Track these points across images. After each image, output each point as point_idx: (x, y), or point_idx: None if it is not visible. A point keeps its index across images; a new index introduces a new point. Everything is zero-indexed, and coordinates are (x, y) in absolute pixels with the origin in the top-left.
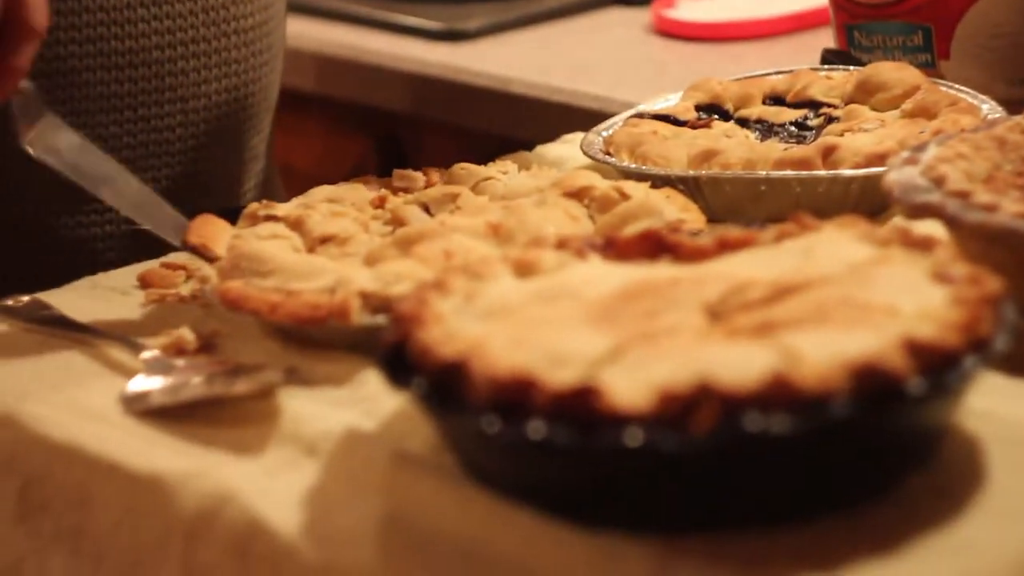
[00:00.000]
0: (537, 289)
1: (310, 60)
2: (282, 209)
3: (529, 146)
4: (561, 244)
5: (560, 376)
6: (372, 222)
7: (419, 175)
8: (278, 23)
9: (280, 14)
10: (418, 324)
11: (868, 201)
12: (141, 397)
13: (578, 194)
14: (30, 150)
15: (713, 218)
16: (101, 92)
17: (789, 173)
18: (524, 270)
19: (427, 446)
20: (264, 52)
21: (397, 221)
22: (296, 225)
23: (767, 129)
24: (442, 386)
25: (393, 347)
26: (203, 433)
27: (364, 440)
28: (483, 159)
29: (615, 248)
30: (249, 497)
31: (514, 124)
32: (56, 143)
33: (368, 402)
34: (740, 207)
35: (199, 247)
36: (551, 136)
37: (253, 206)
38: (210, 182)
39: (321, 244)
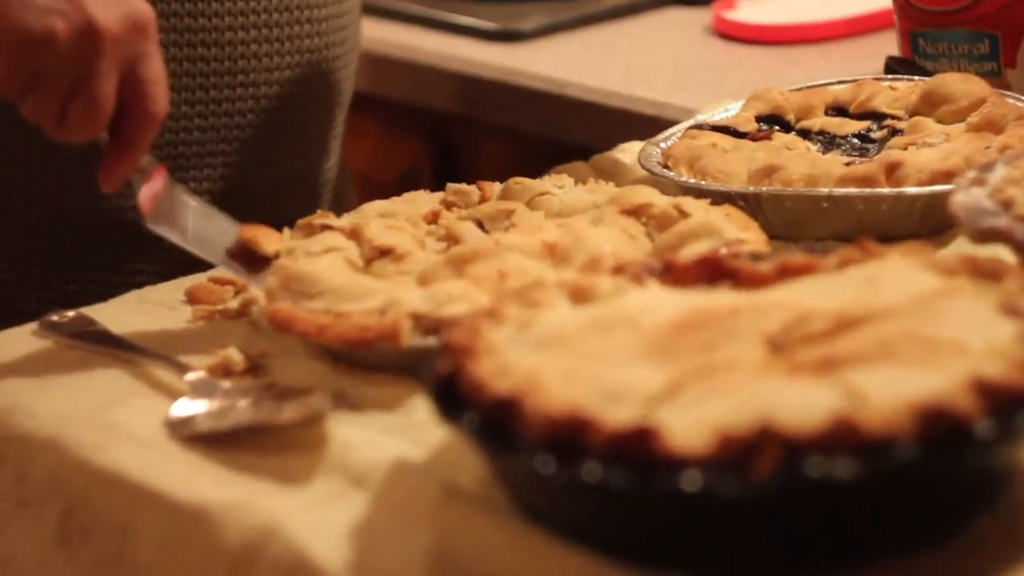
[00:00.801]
0: (593, 317)
1: (362, 59)
2: (337, 222)
3: (584, 150)
4: (618, 269)
5: (616, 415)
6: (427, 238)
7: (472, 189)
8: (353, 19)
9: (355, 11)
10: (470, 355)
11: (932, 219)
12: (186, 422)
13: (636, 211)
14: (152, 226)
15: (774, 235)
16: (173, 70)
17: (852, 191)
18: (580, 297)
19: (477, 479)
20: (338, 46)
21: (451, 238)
22: (354, 235)
23: (829, 141)
24: (494, 422)
25: (444, 379)
26: (248, 461)
27: (413, 472)
28: (537, 163)
29: (673, 273)
30: (295, 530)
31: (569, 128)
32: (178, 217)
33: (417, 429)
34: (801, 224)
35: (249, 242)
36: (607, 141)
37: (308, 217)
38: (284, 177)
39: (380, 256)
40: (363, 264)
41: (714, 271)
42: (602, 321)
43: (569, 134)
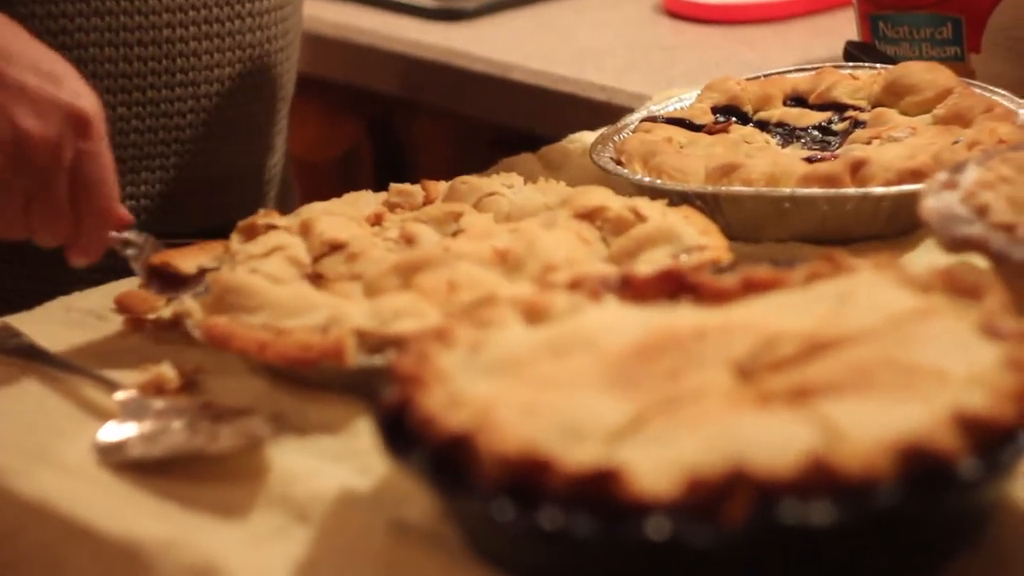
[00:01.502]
0: (549, 338)
1: (300, 39)
2: (282, 221)
3: (531, 137)
4: (574, 284)
5: (577, 454)
6: (378, 240)
7: (417, 189)
8: (295, 9)
9: (296, 0)
10: (419, 384)
11: (899, 220)
12: (117, 447)
13: (590, 215)
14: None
15: (733, 235)
16: (109, 71)
17: (816, 191)
18: (534, 315)
19: (426, 514)
20: (280, 38)
21: (407, 239)
22: (303, 230)
23: (789, 134)
24: (446, 459)
25: (392, 411)
26: (183, 491)
27: (359, 507)
28: (481, 149)
29: (632, 288)
30: (234, 570)
31: (514, 113)
32: None
33: (363, 456)
34: (762, 225)
35: (164, 266)
36: (554, 126)
37: (250, 218)
38: (223, 176)
39: (330, 252)
40: (311, 262)
41: (675, 285)
42: (558, 343)
43: (514, 119)
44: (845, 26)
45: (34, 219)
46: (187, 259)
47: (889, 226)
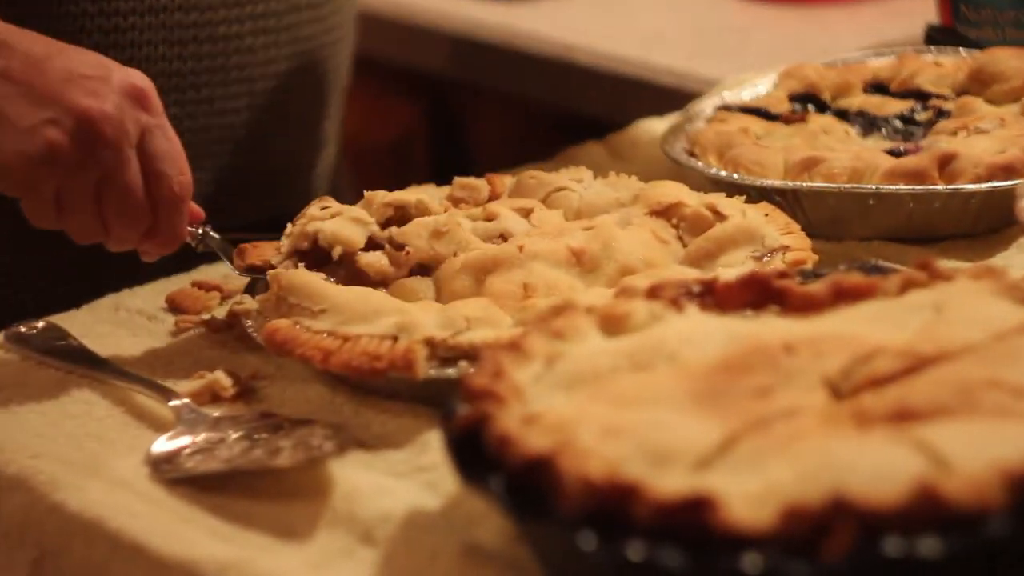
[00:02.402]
0: (629, 350)
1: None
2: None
3: (595, 122)
4: (653, 292)
5: (665, 481)
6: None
7: (482, 183)
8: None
9: None
10: (494, 401)
11: (989, 217)
12: (170, 459)
13: (666, 212)
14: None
15: (814, 233)
16: (162, 69)
17: (902, 188)
18: (613, 326)
19: (500, 536)
20: (336, 29)
21: (489, 217)
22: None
23: (869, 123)
24: (525, 484)
25: (465, 430)
26: (241, 508)
27: (428, 527)
28: (542, 133)
29: (715, 296)
30: None
31: (577, 97)
32: None
33: (431, 471)
34: (845, 222)
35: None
36: (620, 112)
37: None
38: (277, 171)
39: (396, 215)
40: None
41: (760, 293)
42: (638, 355)
43: (578, 104)
44: (921, 6)
45: (108, 209)
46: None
47: (978, 223)
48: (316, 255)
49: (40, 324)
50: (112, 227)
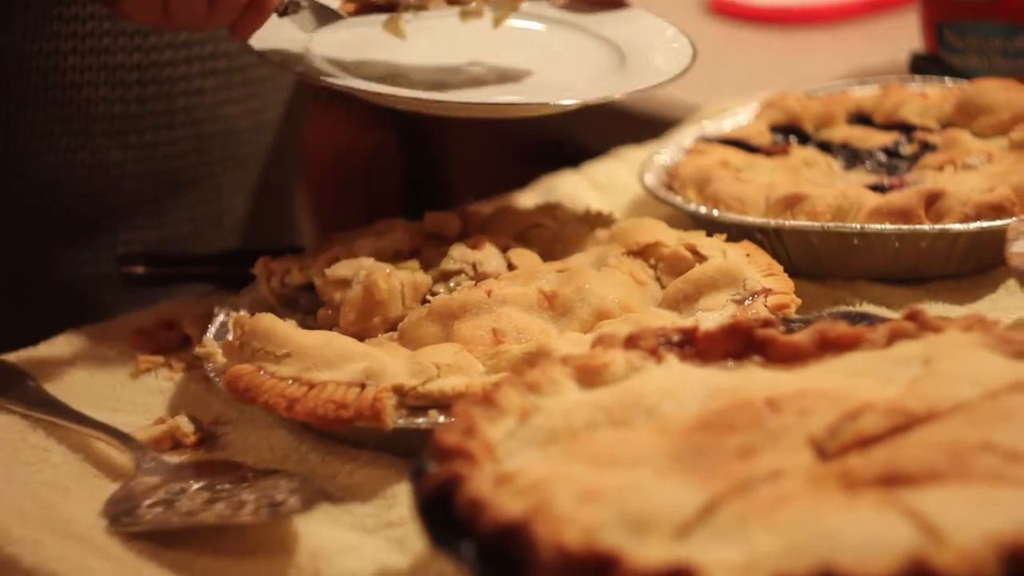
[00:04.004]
0: (606, 403)
1: None
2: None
3: (571, 148)
4: (632, 341)
5: (645, 549)
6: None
7: (453, 218)
8: None
9: None
10: (466, 461)
11: (977, 257)
12: (129, 512)
13: (643, 252)
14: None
15: (797, 272)
16: (104, 112)
17: (888, 227)
18: (590, 378)
19: None
20: None
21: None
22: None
23: (853, 156)
24: (498, 550)
25: (436, 492)
26: (203, 565)
27: None
28: (517, 155)
29: (695, 346)
30: None
31: (553, 121)
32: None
33: (399, 527)
34: (829, 262)
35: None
36: (595, 136)
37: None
38: (225, 218)
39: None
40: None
41: (742, 343)
42: (617, 410)
43: (554, 128)
44: (905, 31)
45: None
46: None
47: (965, 264)
48: (287, 298)
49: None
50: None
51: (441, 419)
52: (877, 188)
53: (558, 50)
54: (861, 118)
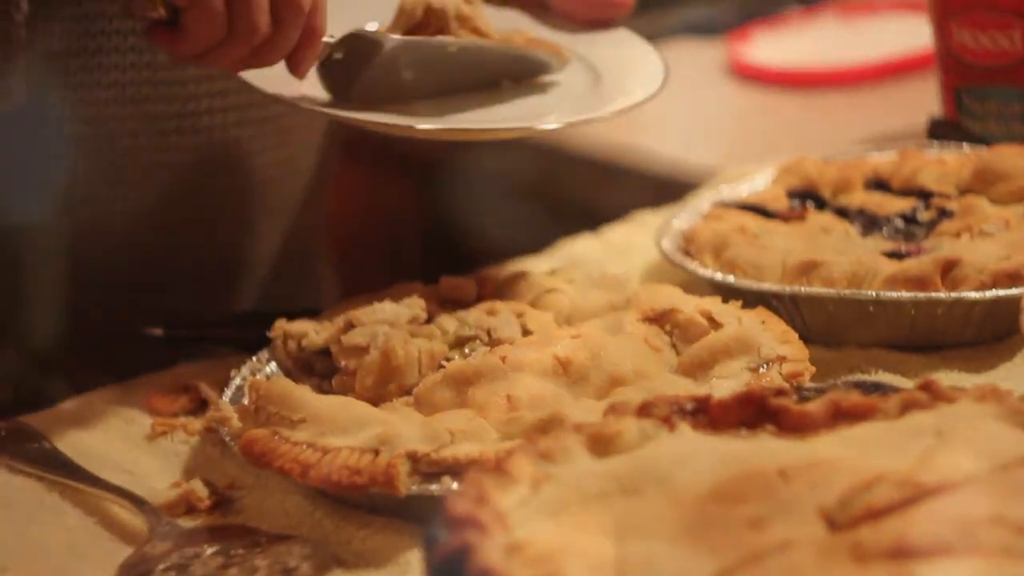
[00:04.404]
0: (618, 472)
1: None
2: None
3: (586, 207)
4: (645, 410)
5: None
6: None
7: (469, 283)
8: None
9: None
10: (477, 530)
11: (993, 325)
12: None
13: (659, 318)
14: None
15: (812, 338)
16: (144, 160)
17: (904, 295)
18: (602, 446)
19: None
20: (325, 119)
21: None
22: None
23: (870, 222)
24: None
25: (448, 561)
26: None
27: None
28: (537, 219)
29: (709, 415)
30: None
31: (571, 183)
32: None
33: None
34: (844, 329)
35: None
36: (613, 199)
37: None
38: (254, 261)
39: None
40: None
41: (755, 412)
42: (629, 479)
43: (571, 190)
44: (924, 95)
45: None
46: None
47: (981, 332)
48: (303, 362)
49: (9, 424)
50: (283, 17)
51: (454, 486)
52: (894, 255)
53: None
54: (879, 184)
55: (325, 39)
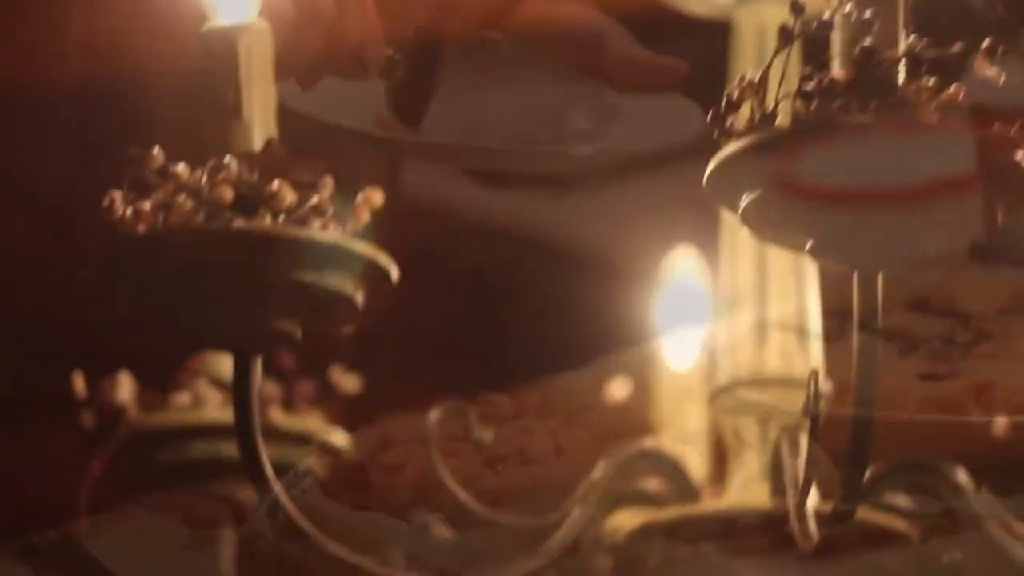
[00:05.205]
0: None
1: None
2: None
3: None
4: None
5: None
6: None
7: (506, 400)
8: None
9: None
10: None
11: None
12: None
13: None
14: None
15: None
16: None
17: (935, 418)
18: None
19: None
20: None
21: None
22: None
23: (908, 344)
24: None
25: None
26: None
27: None
28: (579, 336)
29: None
30: None
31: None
32: None
33: None
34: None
35: None
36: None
37: None
38: None
39: None
40: None
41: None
42: None
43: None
44: (967, 216)
45: None
46: None
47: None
48: None
49: (53, 536)
50: None
51: None
52: (929, 376)
53: None
54: (919, 304)
55: None
